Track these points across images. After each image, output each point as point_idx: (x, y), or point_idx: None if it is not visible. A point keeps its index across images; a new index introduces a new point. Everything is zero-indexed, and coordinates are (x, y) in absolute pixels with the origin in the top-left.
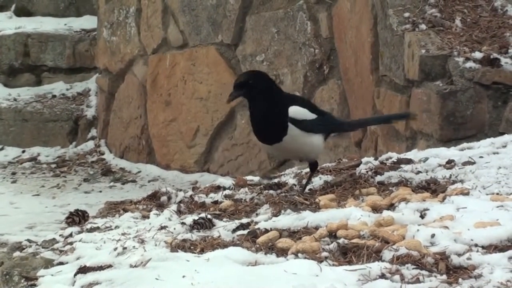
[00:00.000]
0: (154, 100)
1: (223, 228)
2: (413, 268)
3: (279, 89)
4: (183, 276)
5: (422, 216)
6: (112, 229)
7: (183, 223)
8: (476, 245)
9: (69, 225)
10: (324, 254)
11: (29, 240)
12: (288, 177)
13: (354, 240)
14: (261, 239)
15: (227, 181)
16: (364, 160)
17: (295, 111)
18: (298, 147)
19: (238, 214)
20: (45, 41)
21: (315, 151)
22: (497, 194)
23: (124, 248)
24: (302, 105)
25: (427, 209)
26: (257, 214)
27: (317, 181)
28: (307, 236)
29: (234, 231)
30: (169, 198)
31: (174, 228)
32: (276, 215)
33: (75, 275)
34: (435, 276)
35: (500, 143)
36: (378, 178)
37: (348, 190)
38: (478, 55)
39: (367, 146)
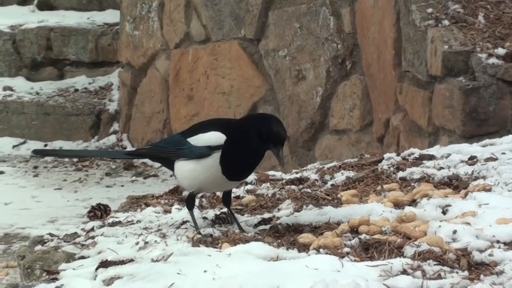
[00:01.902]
0: (176, 94)
1: (244, 223)
2: (434, 264)
3: None
4: (205, 271)
5: (444, 212)
6: (134, 224)
7: (204, 218)
8: (498, 242)
9: (91, 219)
10: (346, 249)
11: (50, 234)
12: (310, 172)
13: (376, 236)
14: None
15: (249, 176)
16: (386, 155)
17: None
18: None
19: (260, 209)
20: (67, 35)
21: None
22: None
23: (146, 243)
24: None
25: (449, 205)
26: (279, 209)
27: (339, 176)
28: (329, 232)
29: (255, 226)
30: None
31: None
32: (298, 210)
33: (96, 269)
34: (457, 273)
35: None
36: (400, 174)
37: (370, 185)
38: (501, 51)
39: (389, 141)
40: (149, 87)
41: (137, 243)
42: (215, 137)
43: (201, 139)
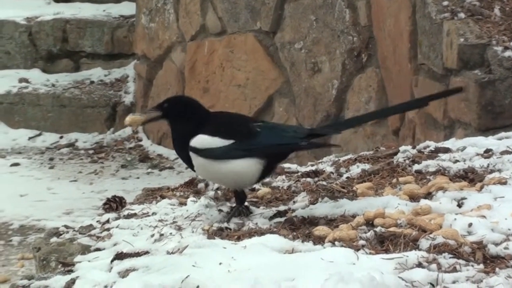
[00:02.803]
0: (192, 86)
1: (260, 216)
2: (450, 257)
3: (199, 116)
4: (220, 263)
5: (459, 205)
6: (149, 216)
7: (220, 210)
8: None
9: (106, 211)
10: (361, 242)
11: (66, 226)
12: (326, 165)
13: (391, 229)
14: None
15: None
16: (401, 148)
17: (197, 140)
18: (211, 176)
19: (275, 202)
20: (83, 27)
21: (235, 178)
22: None
23: (161, 235)
24: (215, 132)
25: (465, 198)
26: (294, 202)
27: (355, 169)
28: (344, 224)
29: (271, 218)
30: (206, 185)
31: (211, 215)
32: (313, 203)
33: (112, 261)
34: (472, 266)
35: None
36: (416, 166)
37: (385, 178)
38: None
39: (405, 134)
40: (165, 79)
41: (152, 235)
42: None
43: None
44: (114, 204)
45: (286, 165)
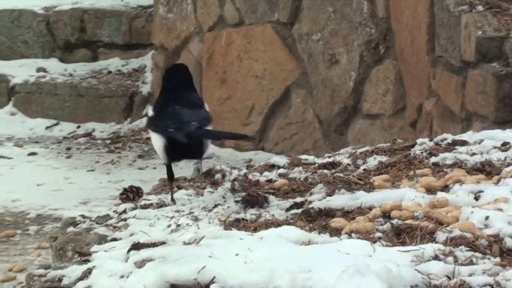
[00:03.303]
0: (210, 77)
1: (276, 207)
2: (466, 250)
3: (170, 87)
4: (237, 254)
5: (476, 198)
6: (166, 206)
7: (237, 201)
8: None
9: (123, 201)
10: (378, 234)
11: (83, 216)
12: (343, 156)
13: (408, 221)
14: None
15: (282, 160)
16: (419, 141)
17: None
18: None
19: (292, 193)
20: (101, 17)
21: (156, 150)
22: None
23: (178, 225)
24: (155, 103)
25: (482, 191)
26: (311, 194)
27: (372, 161)
28: (361, 216)
29: (288, 210)
30: (223, 176)
31: (228, 206)
32: (330, 194)
33: (128, 251)
34: (489, 259)
35: None
36: (433, 159)
37: (402, 171)
38: None
39: (422, 127)
40: None
41: (169, 226)
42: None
43: (206, 105)
44: (131, 194)
45: (303, 156)
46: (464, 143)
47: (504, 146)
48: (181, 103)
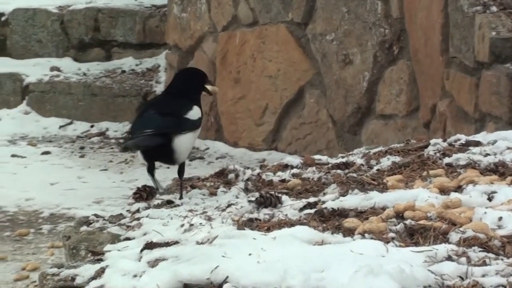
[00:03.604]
0: (223, 77)
1: (290, 207)
2: (479, 251)
3: (168, 91)
4: (250, 254)
5: (489, 199)
6: (179, 206)
7: (250, 201)
8: None
9: (136, 201)
10: (391, 235)
11: (96, 215)
12: (356, 157)
13: (421, 222)
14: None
15: (295, 160)
16: (432, 141)
17: None
18: None
19: (305, 193)
20: (115, 16)
21: None
22: None
23: (191, 225)
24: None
25: (495, 192)
26: (324, 194)
27: (385, 161)
28: (374, 217)
29: (301, 210)
30: (237, 176)
31: (241, 206)
32: (343, 194)
33: (141, 250)
34: (502, 259)
35: None
36: (446, 160)
37: (416, 171)
38: None
39: (436, 127)
40: None
41: (182, 225)
42: (198, 110)
43: (194, 113)
44: (144, 193)
45: (316, 156)
46: (477, 143)
47: None
48: (160, 109)
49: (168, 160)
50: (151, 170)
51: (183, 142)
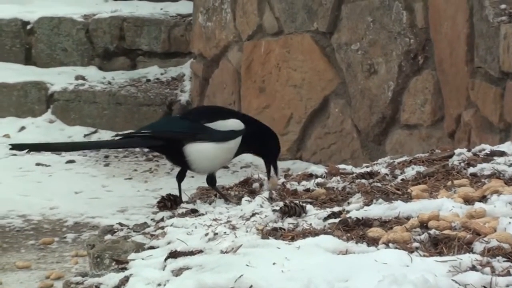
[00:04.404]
0: (248, 86)
1: (314, 216)
2: (504, 261)
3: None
4: (274, 263)
5: None
6: (203, 215)
7: (274, 210)
8: None
9: (160, 210)
10: (415, 244)
11: (120, 224)
12: (381, 166)
13: (445, 231)
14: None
15: (320, 169)
16: (457, 151)
17: None
18: None
19: (329, 203)
20: (140, 25)
21: None
22: None
23: (215, 234)
24: None
25: None
26: (348, 203)
27: (410, 171)
28: (399, 226)
29: (325, 219)
30: (261, 185)
31: (266, 215)
32: (367, 204)
33: (165, 259)
34: None
35: None
36: (471, 169)
37: (440, 181)
38: None
39: (460, 137)
40: (221, 78)
41: (206, 234)
42: (238, 124)
43: (224, 125)
44: (169, 202)
45: (341, 166)
46: (502, 153)
47: None
48: (191, 113)
49: (186, 167)
50: (179, 177)
51: (198, 151)
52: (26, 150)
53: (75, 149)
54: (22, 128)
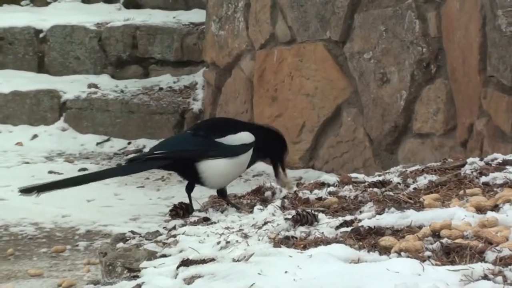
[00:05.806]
0: (261, 95)
1: (326, 225)
2: None
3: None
4: (286, 272)
5: None
6: (215, 223)
7: (286, 219)
8: None
9: (172, 218)
10: (427, 253)
11: (132, 232)
12: (393, 175)
13: (458, 240)
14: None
15: (332, 178)
16: (469, 160)
17: None
18: None
19: (341, 211)
20: (153, 34)
21: None
22: None
23: (227, 242)
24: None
25: None
26: (360, 212)
27: (422, 180)
28: (411, 235)
29: (337, 228)
30: (273, 194)
31: (278, 224)
32: (380, 213)
33: (177, 267)
34: None
35: None
36: (483, 179)
37: (452, 190)
38: None
39: (473, 146)
40: (234, 87)
41: (218, 243)
42: (248, 136)
43: (235, 139)
44: (181, 210)
45: (353, 175)
46: None
47: None
48: (199, 129)
49: (199, 184)
50: (188, 189)
51: (211, 167)
52: (35, 193)
53: (85, 181)
54: (35, 136)
